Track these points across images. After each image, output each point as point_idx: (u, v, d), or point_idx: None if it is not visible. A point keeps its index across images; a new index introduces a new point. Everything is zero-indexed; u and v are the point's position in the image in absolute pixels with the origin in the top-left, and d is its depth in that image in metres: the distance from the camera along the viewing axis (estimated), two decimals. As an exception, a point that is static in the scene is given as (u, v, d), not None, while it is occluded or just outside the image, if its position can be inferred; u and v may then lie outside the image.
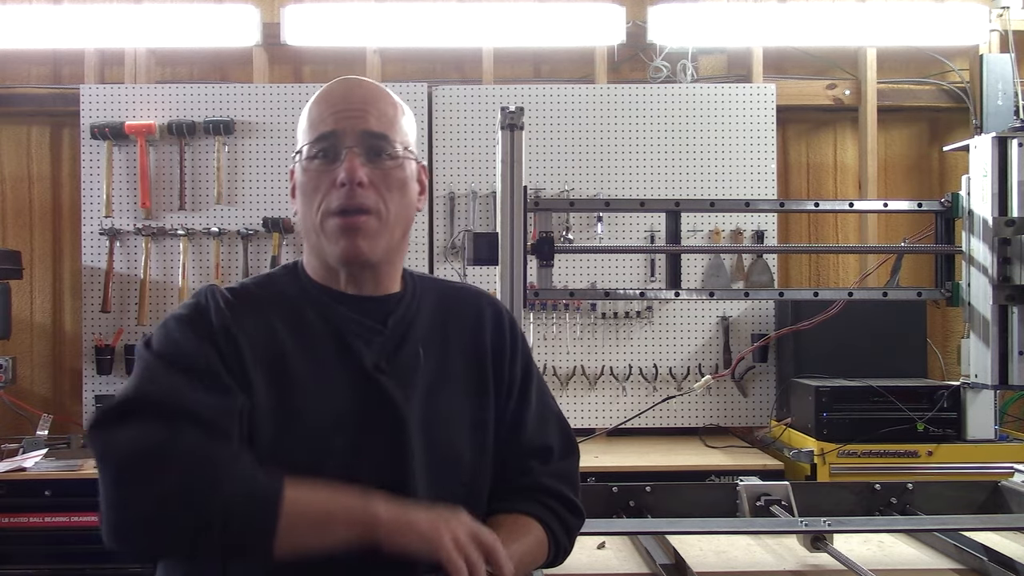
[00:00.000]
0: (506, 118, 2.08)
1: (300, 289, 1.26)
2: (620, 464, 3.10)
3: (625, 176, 3.68)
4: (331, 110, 1.22)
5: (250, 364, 1.15)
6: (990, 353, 2.14)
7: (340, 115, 1.21)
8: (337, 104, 1.23)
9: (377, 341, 1.23)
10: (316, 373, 1.19)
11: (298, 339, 1.20)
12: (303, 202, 1.23)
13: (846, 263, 3.94)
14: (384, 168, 1.21)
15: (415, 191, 1.27)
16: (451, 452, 1.25)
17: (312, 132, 1.23)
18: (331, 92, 1.25)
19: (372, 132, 1.21)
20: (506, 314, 1.38)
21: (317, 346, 1.21)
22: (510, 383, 1.33)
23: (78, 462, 3.11)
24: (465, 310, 1.34)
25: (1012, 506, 1.99)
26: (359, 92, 1.24)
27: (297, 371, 1.18)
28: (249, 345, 1.17)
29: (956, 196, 2.20)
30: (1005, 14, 3.69)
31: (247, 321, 1.19)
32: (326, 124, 1.21)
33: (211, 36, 3.68)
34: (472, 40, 3.72)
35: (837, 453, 2.91)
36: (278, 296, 1.25)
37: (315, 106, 1.25)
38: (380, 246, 1.21)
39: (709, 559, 1.71)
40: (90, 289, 3.63)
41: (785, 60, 3.86)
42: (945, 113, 3.88)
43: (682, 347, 3.67)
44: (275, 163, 3.66)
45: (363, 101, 1.23)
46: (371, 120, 1.22)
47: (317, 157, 1.21)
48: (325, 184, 1.20)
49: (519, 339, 1.37)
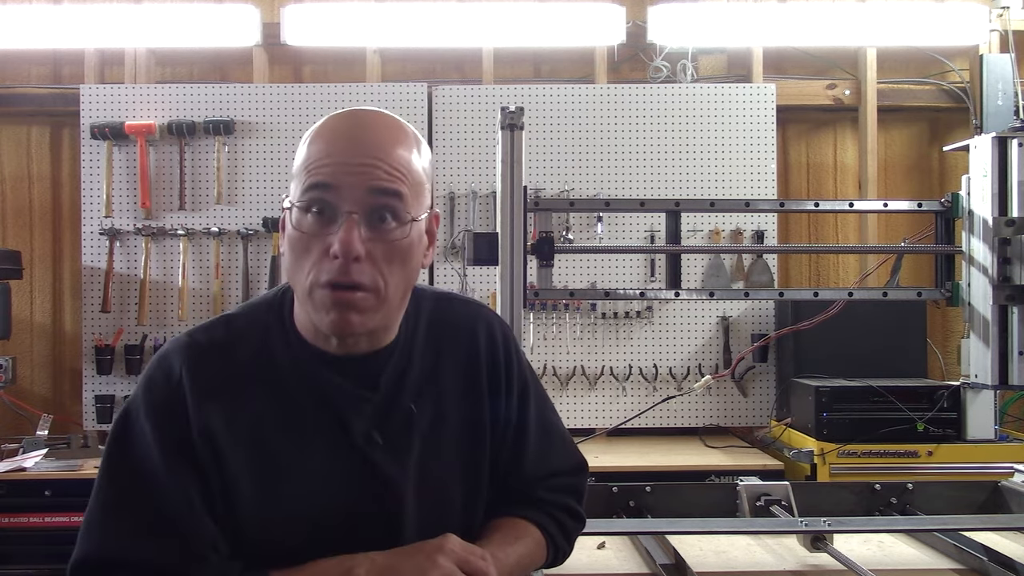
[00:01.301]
0: (506, 118, 2.08)
1: (286, 348, 1.13)
2: (620, 464, 3.10)
3: (625, 176, 3.68)
4: (333, 156, 1.04)
5: (230, 456, 1.08)
6: (990, 353, 2.14)
7: (342, 167, 1.03)
8: (341, 149, 1.04)
9: (368, 408, 1.13)
10: (302, 454, 1.11)
11: (282, 413, 1.11)
12: (292, 259, 1.07)
13: (846, 263, 3.94)
14: (388, 239, 1.05)
15: (422, 251, 1.12)
16: (445, 508, 1.19)
17: (307, 176, 1.04)
18: (335, 131, 1.07)
19: (380, 189, 1.04)
20: (500, 331, 1.27)
21: (304, 421, 1.11)
22: (505, 422, 1.25)
23: (78, 462, 3.11)
24: (459, 336, 1.23)
25: (1012, 506, 1.99)
26: (369, 136, 1.06)
27: (282, 453, 1.10)
28: (228, 434, 1.08)
29: (956, 196, 2.20)
30: (1005, 14, 3.69)
31: (225, 401, 1.09)
32: (324, 173, 1.03)
33: (211, 36, 3.68)
34: (472, 40, 3.71)
35: (837, 453, 2.91)
36: (262, 356, 1.12)
37: (315, 143, 1.07)
38: (375, 320, 1.08)
39: (709, 559, 1.71)
40: (90, 289, 3.63)
41: (785, 60, 3.86)
42: (945, 113, 3.88)
43: (682, 347, 3.67)
44: (275, 163, 3.65)
45: (372, 148, 1.05)
46: (380, 174, 1.04)
47: (310, 212, 1.04)
48: (317, 249, 1.04)
49: (514, 357, 1.27)
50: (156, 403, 1.10)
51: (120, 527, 1.07)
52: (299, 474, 1.10)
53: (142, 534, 1.06)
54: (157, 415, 1.09)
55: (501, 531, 1.22)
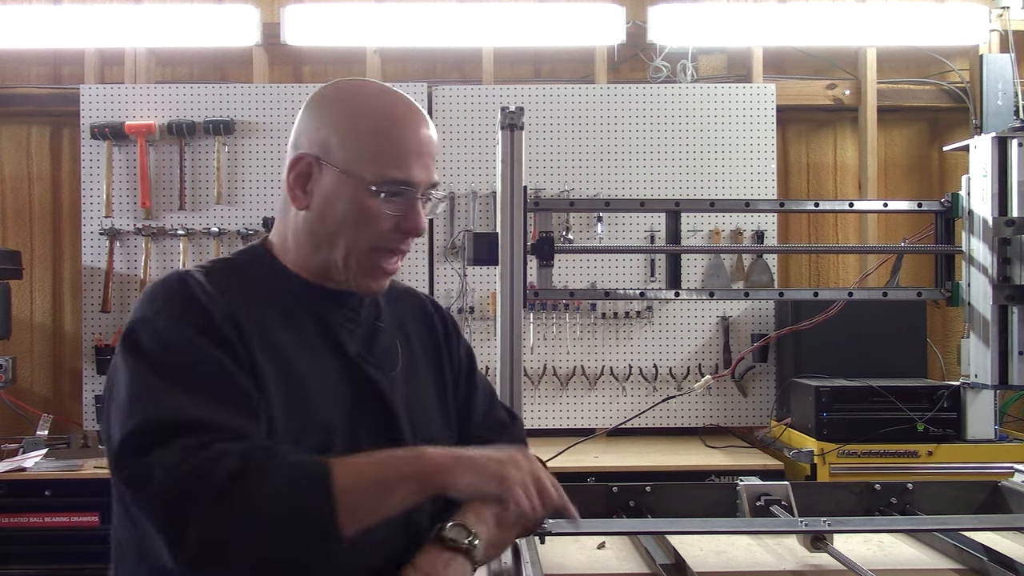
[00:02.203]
0: (506, 118, 2.07)
1: (280, 283, 1.24)
2: (620, 464, 3.10)
3: (625, 176, 3.68)
4: (410, 153, 1.21)
5: (258, 354, 1.13)
6: (990, 353, 2.14)
7: (418, 163, 1.21)
8: (417, 147, 1.22)
9: (357, 332, 1.27)
10: (313, 363, 1.19)
11: (290, 330, 1.20)
12: (343, 221, 1.20)
13: (846, 263, 3.94)
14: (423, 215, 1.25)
15: None
16: (431, 428, 1.31)
17: (389, 167, 1.19)
18: (407, 126, 1.22)
19: (432, 182, 1.24)
20: (442, 308, 1.48)
21: (307, 337, 1.21)
22: (458, 371, 1.42)
23: (78, 462, 3.11)
24: (415, 310, 1.42)
25: (1012, 506, 1.99)
26: (429, 133, 1.24)
27: (296, 361, 1.17)
28: (250, 330, 1.14)
29: (956, 196, 2.20)
30: (1005, 14, 3.69)
31: (239, 306, 1.16)
32: (405, 170, 1.20)
33: (211, 36, 3.68)
34: (472, 40, 3.71)
35: (837, 453, 2.91)
36: (259, 287, 1.23)
37: (391, 134, 1.21)
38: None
39: (709, 559, 1.71)
40: (90, 289, 3.63)
41: (785, 60, 3.86)
42: (945, 113, 3.88)
43: (682, 347, 3.67)
44: (275, 163, 3.65)
45: (430, 144, 1.23)
46: (432, 166, 1.24)
47: (385, 194, 1.20)
48: (385, 221, 1.20)
49: (458, 328, 1.47)
50: (179, 314, 1.11)
51: (174, 394, 1.05)
52: (313, 381, 1.18)
53: (202, 397, 1.05)
54: (187, 323, 1.10)
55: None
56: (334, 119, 1.22)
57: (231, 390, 1.08)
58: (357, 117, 1.21)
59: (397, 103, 1.24)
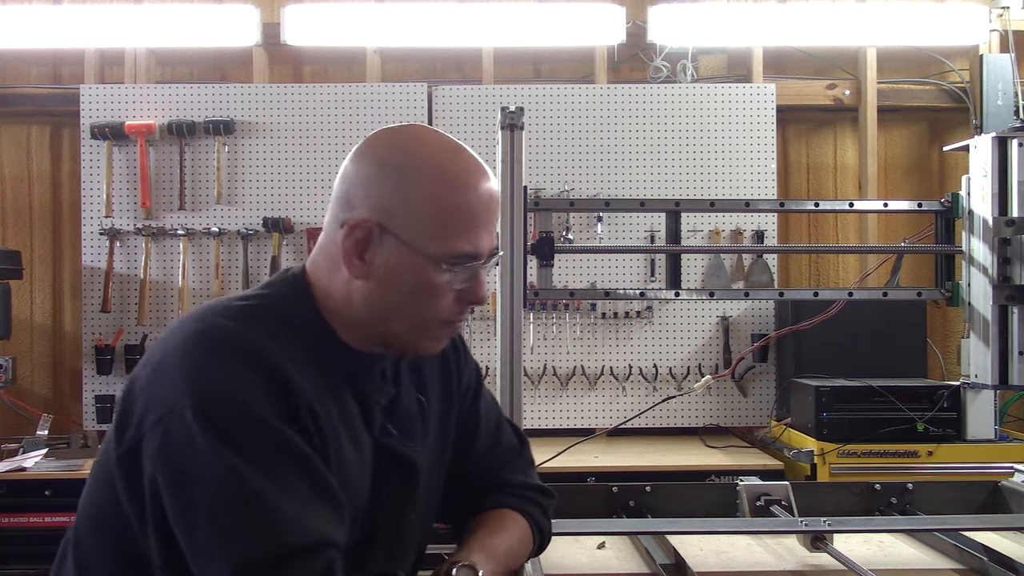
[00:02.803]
0: (506, 118, 2.07)
1: (326, 344, 1.15)
2: (620, 464, 3.10)
3: (625, 176, 3.68)
4: (479, 223, 1.13)
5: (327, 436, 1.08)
6: (990, 353, 2.14)
7: (487, 232, 1.14)
8: (486, 215, 1.14)
9: (384, 399, 1.21)
10: (352, 440, 1.14)
11: (336, 404, 1.13)
12: (408, 297, 1.12)
13: (846, 263, 3.94)
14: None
15: None
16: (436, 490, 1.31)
17: (460, 241, 1.11)
18: (477, 190, 1.13)
19: (495, 248, 1.17)
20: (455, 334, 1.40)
21: (347, 409, 1.14)
22: (467, 398, 1.37)
23: (78, 462, 3.11)
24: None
25: (1012, 506, 1.99)
26: (493, 190, 1.16)
27: (344, 441, 1.13)
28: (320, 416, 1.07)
29: (956, 196, 2.20)
30: (1005, 14, 3.69)
31: (302, 381, 1.07)
32: (475, 242, 1.12)
33: (211, 36, 3.68)
34: (472, 40, 3.71)
35: (837, 453, 2.91)
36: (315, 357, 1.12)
37: (460, 203, 1.11)
38: None
39: (709, 559, 1.71)
40: (90, 289, 3.63)
41: (785, 60, 3.86)
42: (945, 113, 3.88)
43: (682, 347, 3.67)
44: (275, 163, 3.65)
45: (496, 205, 1.17)
46: (495, 230, 1.19)
47: (452, 269, 1.12)
48: (449, 292, 1.14)
49: (465, 356, 1.39)
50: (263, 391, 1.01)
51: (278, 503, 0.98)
52: (351, 458, 1.14)
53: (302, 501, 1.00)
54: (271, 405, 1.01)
55: (490, 524, 1.29)
56: (397, 184, 1.10)
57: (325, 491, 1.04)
58: (423, 182, 1.10)
59: (462, 161, 1.14)
